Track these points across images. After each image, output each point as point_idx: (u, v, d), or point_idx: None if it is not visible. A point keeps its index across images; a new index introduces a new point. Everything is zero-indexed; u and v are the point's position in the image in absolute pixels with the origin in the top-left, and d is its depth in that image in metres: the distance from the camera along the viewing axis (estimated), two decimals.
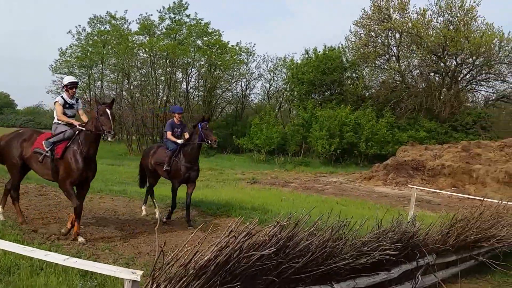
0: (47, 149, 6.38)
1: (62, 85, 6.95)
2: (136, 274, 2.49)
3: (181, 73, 34.23)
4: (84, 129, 6.30)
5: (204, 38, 33.80)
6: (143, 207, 8.81)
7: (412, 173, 20.53)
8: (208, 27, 33.77)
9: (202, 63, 34.33)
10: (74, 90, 6.84)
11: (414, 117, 30.11)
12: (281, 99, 38.10)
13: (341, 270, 3.75)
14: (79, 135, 6.32)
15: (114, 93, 32.50)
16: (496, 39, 29.31)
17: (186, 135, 8.52)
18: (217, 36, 33.89)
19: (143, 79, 32.92)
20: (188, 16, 33.66)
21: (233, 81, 36.78)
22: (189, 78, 34.72)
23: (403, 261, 4.27)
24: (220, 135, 30.83)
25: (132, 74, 32.78)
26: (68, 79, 6.94)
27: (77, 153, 6.22)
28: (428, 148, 23.93)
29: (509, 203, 6.52)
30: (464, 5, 29.29)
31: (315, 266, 3.57)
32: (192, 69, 34.24)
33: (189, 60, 33.17)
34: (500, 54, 30.01)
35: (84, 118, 6.82)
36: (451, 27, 29.64)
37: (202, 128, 8.02)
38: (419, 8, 31.11)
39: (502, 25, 66.36)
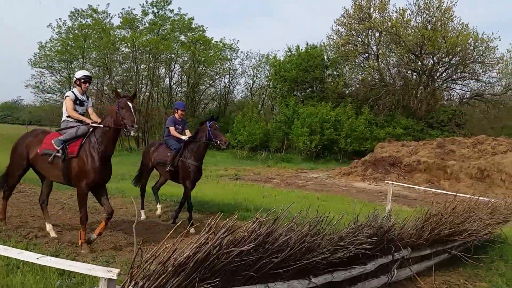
0: (58, 148, 5.81)
1: (75, 79, 6.36)
2: (112, 272, 2.42)
3: (164, 69, 33.96)
4: (101, 125, 5.75)
5: (188, 34, 33.62)
6: (142, 211, 8.32)
7: (389, 169, 20.92)
8: (192, 22, 33.64)
9: (186, 58, 34.16)
10: (87, 85, 6.31)
11: (391, 114, 30.70)
12: (264, 95, 38.25)
13: (319, 264, 3.80)
14: (95, 132, 5.80)
15: (95, 88, 31.91)
16: (471, 39, 30.12)
17: (188, 133, 8.09)
18: (200, 32, 33.78)
19: (125, 74, 32.48)
20: (171, 11, 33.46)
21: (216, 77, 36.78)
22: (172, 73, 34.53)
23: (379, 255, 4.37)
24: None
25: (114, 69, 32.30)
26: (81, 72, 6.40)
27: (94, 151, 5.69)
28: (405, 144, 24.44)
29: (480, 198, 6.75)
30: (442, 6, 30.02)
31: (293, 260, 3.59)
32: (176, 64, 34.04)
33: (172, 55, 32.92)
34: (475, 54, 30.84)
35: (94, 118, 6.26)
36: (429, 27, 30.29)
37: (210, 127, 7.55)
38: (399, 7, 31.73)
39: (477, 25, 68.07)
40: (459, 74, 32.73)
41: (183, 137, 7.82)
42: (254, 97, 38.63)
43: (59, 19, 39.00)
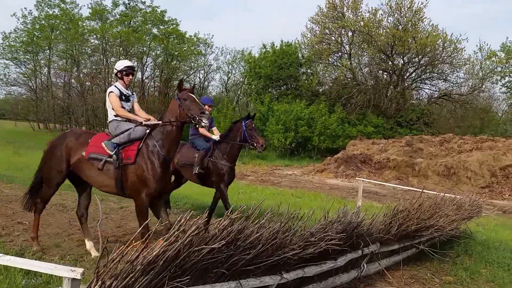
0: (111, 153, 4.98)
1: (115, 71, 5.51)
2: (75, 272, 2.38)
3: (135, 62, 33.33)
4: (163, 122, 4.97)
5: (160, 27, 33.08)
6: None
7: (361, 166, 21.33)
8: (165, 15, 33.16)
9: (158, 52, 33.60)
10: (130, 77, 5.48)
11: (363, 113, 31.17)
12: (239, 92, 38.19)
13: (291, 260, 3.84)
14: (152, 134, 5.03)
15: (62, 80, 31.04)
16: (440, 40, 30.83)
17: (215, 131, 7.51)
18: (174, 25, 33.30)
19: (94, 67, 31.69)
20: (143, 2, 32.99)
21: (191, 72, 36.41)
22: (145, 67, 33.91)
23: (349, 250, 4.46)
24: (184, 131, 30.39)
25: (82, 61, 31.47)
26: (122, 63, 5.53)
27: (154, 156, 4.93)
28: (375, 142, 24.95)
29: (446, 194, 6.96)
30: (413, 6, 30.55)
31: (265, 257, 3.61)
32: (148, 58, 33.46)
33: (145, 48, 32.31)
34: (443, 55, 31.61)
35: (144, 115, 5.39)
36: (400, 27, 30.82)
37: (246, 127, 6.88)
38: (371, 7, 32.26)
39: (446, 27, 70.08)
40: (428, 74, 33.55)
41: (214, 137, 7.17)
42: (229, 94, 38.49)
43: (25, 8, 37.71)
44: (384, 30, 31.42)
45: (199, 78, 37.40)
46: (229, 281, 3.25)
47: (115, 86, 5.45)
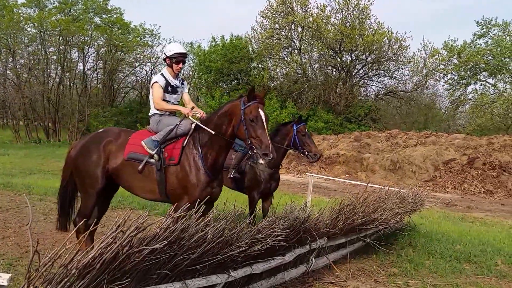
0: (152, 152, 4.31)
1: (164, 56, 4.76)
2: (2, 278, 2.24)
3: (77, 53, 31.73)
4: (209, 130, 4.23)
5: (103, 16, 31.67)
6: None
7: (311, 161, 21.69)
8: (108, 3, 31.76)
9: (101, 42, 32.21)
10: (180, 65, 4.73)
11: (313, 108, 31.69)
12: (189, 86, 37.51)
13: (238, 258, 3.77)
14: (200, 135, 4.33)
15: None
16: (386, 38, 31.80)
17: None
18: (118, 15, 32.06)
19: (31, 57, 29.79)
20: None
21: (137, 64, 35.23)
22: (86, 58, 32.37)
23: (297, 246, 4.44)
24: (123, 122, 29.37)
25: (19, 51, 29.48)
26: (173, 48, 4.72)
27: (199, 159, 4.24)
28: (325, 138, 25.49)
29: (390, 188, 7.16)
30: (360, 4, 31.26)
31: (211, 255, 3.51)
32: (90, 48, 31.96)
33: (86, 38, 30.81)
34: (389, 52, 32.68)
35: (192, 105, 4.74)
36: (348, 24, 31.49)
37: (298, 132, 6.18)
38: (320, 3, 32.77)
39: (391, 25, 73.03)
40: (374, 71, 34.55)
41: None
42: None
43: None
44: (333, 27, 31.98)
45: (146, 70, 36.36)
46: (174, 282, 3.13)
47: (162, 74, 4.73)
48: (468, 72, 33.09)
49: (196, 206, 3.50)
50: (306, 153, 6.19)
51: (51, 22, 28.20)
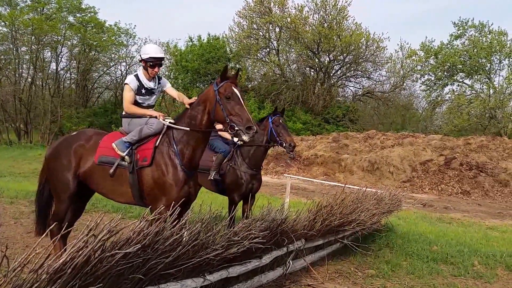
0: (123, 154, 4.13)
1: (140, 58, 4.55)
2: None
3: (49, 52, 30.93)
4: (183, 128, 4.10)
5: (77, 15, 31.01)
6: None
7: (290, 163, 21.75)
8: (82, 2, 31.08)
9: (75, 42, 31.54)
10: (156, 70, 4.47)
11: (292, 109, 31.78)
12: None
13: (213, 261, 3.70)
14: (174, 132, 4.17)
15: None
16: (363, 38, 32.13)
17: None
18: (92, 14, 31.43)
19: (2, 56, 28.94)
20: None
21: (111, 64, 34.61)
22: (60, 58, 31.61)
23: (274, 248, 4.38)
24: (98, 123, 28.82)
25: None
26: (149, 52, 4.41)
27: (175, 157, 4.08)
28: (304, 139, 25.56)
29: (368, 189, 7.17)
30: (337, 4, 31.49)
31: (186, 259, 3.39)
32: (63, 48, 31.23)
33: (59, 37, 30.09)
34: (367, 53, 33.05)
35: (185, 100, 4.40)
36: (325, 25, 31.71)
37: (273, 124, 6.00)
38: (298, 4, 32.89)
39: (368, 26, 73.98)
40: (352, 72, 34.87)
41: (245, 138, 6.22)
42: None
43: None
44: (310, 27, 32.18)
45: (121, 70, 35.74)
46: (148, 287, 3.05)
47: (136, 76, 4.48)
48: (445, 73, 33.55)
49: (171, 207, 3.40)
50: (284, 144, 5.95)
51: (23, 21, 27.49)
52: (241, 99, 3.90)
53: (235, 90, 3.92)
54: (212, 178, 5.95)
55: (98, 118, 30.33)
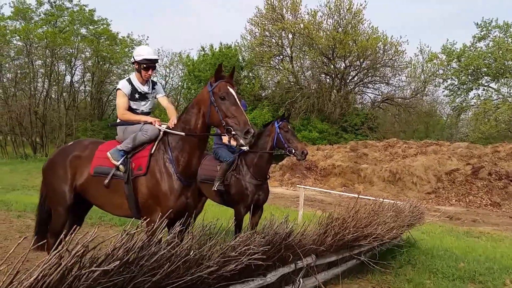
0: (117, 163, 3.94)
1: (132, 60, 4.34)
2: None
3: (64, 65, 31.36)
4: (178, 132, 3.88)
5: (90, 27, 31.44)
6: None
7: (306, 173, 21.21)
8: (94, 14, 31.54)
9: (88, 54, 31.84)
10: (149, 73, 4.27)
11: (307, 118, 31.17)
12: (179, 97, 37.17)
13: (208, 279, 3.30)
14: (170, 137, 3.94)
15: None
16: (380, 42, 31.32)
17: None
18: (104, 26, 31.78)
19: (18, 71, 29.43)
20: (70, 1, 31.18)
21: (125, 76, 34.92)
22: (74, 70, 32.06)
23: (279, 265, 3.93)
24: (112, 136, 28.88)
25: (6, 65, 29.16)
26: (142, 53, 4.25)
27: (169, 165, 3.84)
28: (320, 148, 25.01)
29: (385, 200, 6.66)
30: (352, 8, 30.84)
31: (176, 277, 3.03)
32: (77, 61, 31.65)
33: (73, 50, 30.48)
34: (385, 58, 32.17)
35: (171, 111, 4.32)
36: (340, 30, 31.05)
37: (281, 129, 5.68)
38: (310, 9, 32.35)
39: (386, 29, 73.05)
40: (370, 77, 33.94)
41: (244, 148, 5.45)
42: (169, 98, 37.50)
43: None
44: (324, 33, 31.63)
45: None
46: None
47: (128, 80, 4.30)
48: (469, 77, 32.31)
49: (164, 218, 3.12)
50: (293, 151, 5.58)
51: (37, 35, 27.93)
52: (237, 100, 3.64)
53: (231, 90, 3.67)
54: (215, 188, 5.65)
55: (113, 131, 30.30)
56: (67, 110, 30.22)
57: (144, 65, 4.21)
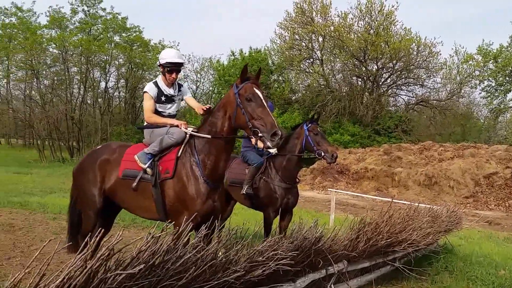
0: (144, 166, 3.96)
1: (158, 63, 4.40)
2: None
3: (98, 72, 32.33)
4: (205, 135, 3.87)
5: (123, 34, 32.28)
6: None
7: (338, 177, 20.87)
8: (126, 22, 32.34)
9: (122, 61, 32.73)
10: (173, 76, 4.28)
11: (338, 121, 30.77)
12: (210, 101, 37.55)
13: (235, 284, 3.17)
14: (196, 141, 3.95)
15: (21, 92, 29.79)
16: (413, 44, 30.61)
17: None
18: (137, 33, 32.57)
19: (55, 77, 30.58)
20: (103, 9, 32.02)
21: None
22: (108, 77, 32.98)
23: (309, 271, 3.79)
24: None
25: (43, 72, 30.33)
26: (166, 57, 4.26)
27: (196, 168, 3.84)
28: (352, 151, 24.57)
29: (421, 205, 6.44)
30: (383, 10, 30.31)
31: (202, 282, 2.98)
32: (111, 67, 32.63)
33: (107, 57, 31.36)
34: (418, 59, 31.37)
35: (198, 108, 4.29)
36: (372, 31, 30.57)
37: (310, 132, 5.59)
38: (341, 11, 31.98)
39: (419, 30, 71.17)
40: (403, 79, 33.22)
41: (272, 150, 5.51)
42: (200, 103, 37.98)
43: None
44: (356, 35, 31.19)
45: None
46: None
47: (155, 83, 4.33)
48: (507, 78, 30.93)
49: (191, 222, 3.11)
50: (323, 154, 5.49)
51: (72, 42, 28.90)
52: (263, 101, 3.60)
53: (257, 91, 3.64)
54: (244, 192, 5.61)
55: None
56: (102, 115, 31.11)
57: (168, 68, 4.24)
